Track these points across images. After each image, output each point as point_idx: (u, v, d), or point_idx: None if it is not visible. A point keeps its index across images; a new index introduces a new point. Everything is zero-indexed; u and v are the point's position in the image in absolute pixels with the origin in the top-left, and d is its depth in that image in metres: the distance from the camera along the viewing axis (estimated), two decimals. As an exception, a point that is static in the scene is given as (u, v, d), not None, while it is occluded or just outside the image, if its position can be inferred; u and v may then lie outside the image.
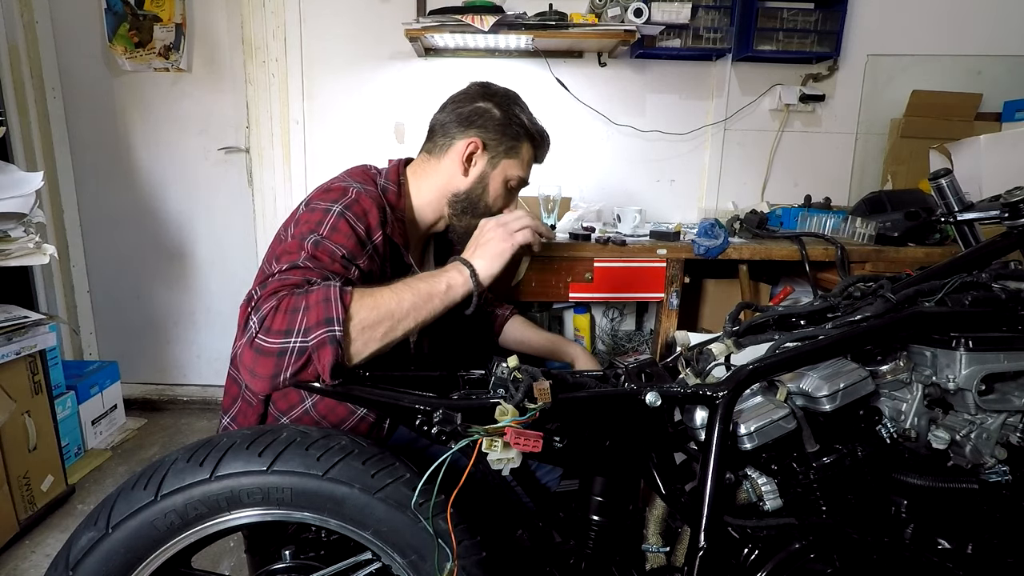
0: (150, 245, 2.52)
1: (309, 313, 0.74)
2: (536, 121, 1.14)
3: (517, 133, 1.10)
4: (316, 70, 2.28)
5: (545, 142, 1.16)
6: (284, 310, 0.75)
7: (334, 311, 0.74)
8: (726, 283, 2.20)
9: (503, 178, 1.11)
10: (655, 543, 0.87)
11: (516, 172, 1.12)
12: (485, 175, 1.10)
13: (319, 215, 0.92)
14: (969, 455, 0.82)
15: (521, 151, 1.12)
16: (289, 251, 0.87)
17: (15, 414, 1.64)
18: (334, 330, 0.74)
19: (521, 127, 1.10)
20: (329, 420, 1.02)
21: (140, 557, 0.71)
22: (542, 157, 1.18)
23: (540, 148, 1.15)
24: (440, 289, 0.85)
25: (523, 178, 1.14)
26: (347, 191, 0.96)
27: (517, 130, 1.10)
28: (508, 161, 1.11)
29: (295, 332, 0.73)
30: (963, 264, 0.98)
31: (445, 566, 0.74)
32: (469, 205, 1.11)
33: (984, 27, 2.26)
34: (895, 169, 2.23)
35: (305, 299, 0.76)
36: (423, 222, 1.13)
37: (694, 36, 2.10)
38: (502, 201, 1.14)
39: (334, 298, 0.75)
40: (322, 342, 0.73)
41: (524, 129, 1.11)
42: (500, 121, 1.09)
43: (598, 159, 2.37)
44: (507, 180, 1.12)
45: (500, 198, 1.13)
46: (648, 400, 0.77)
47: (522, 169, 1.13)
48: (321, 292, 0.76)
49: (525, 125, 1.11)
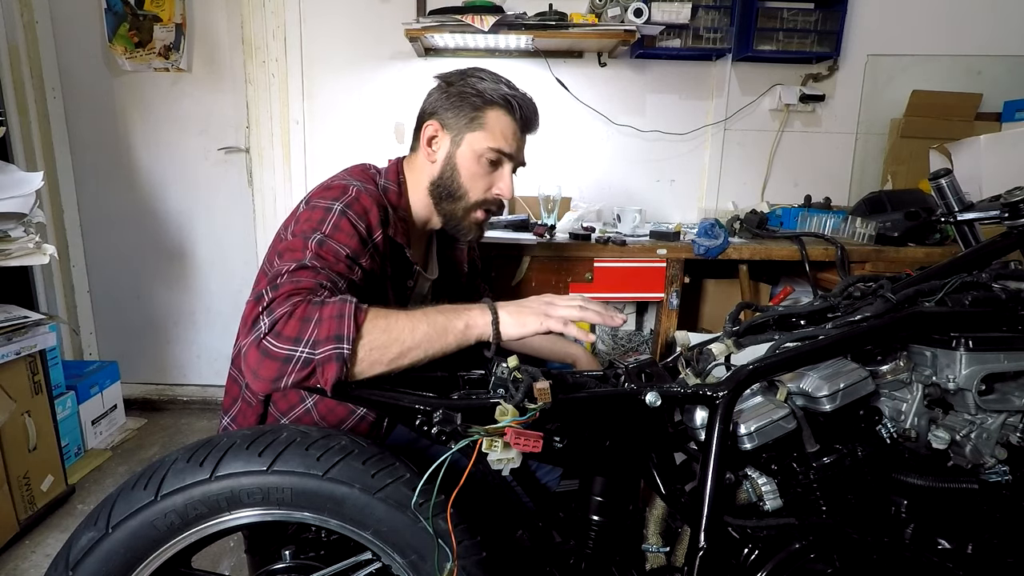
0: (150, 245, 2.52)
1: (321, 326, 0.74)
2: (504, 87, 1.05)
3: (476, 103, 1.04)
4: (316, 70, 2.28)
5: (519, 105, 1.05)
6: (298, 317, 0.75)
7: (346, 329, 0.74)
8: (726, 283, 2.20)
9: (472, 153, 1.05)
10: (655, 543, 0.87)
11: (486, 143, 1.04)
12: (451, 155, 1.06)
13: (320, 213, 0.92)
14: (969, 455, 0.82)
15: (486, 120, 1.04)
16: (293, 249, 0.87)
17: (15, 414, 1.64)
18: (342, 348, 0.73)
19: (479, 96, 1.04)
20: (328, 420, 1.02)
21: (140, 557, 0.71)
22: (529, 125, 1.08)
23: (515, 113, 1.05)
24: (458, 326, 0.81)
25: (498, 149, 1.05)
26: (347, 189, 0.96)
27: (475, 100, 1.04)
28: (473, 135, 1.04)
29: (304, 342, 0.73)
30: (963, 264, 0.98)
31: (445, 566, 0.74)
32: (445, 190, 1.07)
33: (984, 27, 2.26)
34: (895, 169, 2.23)
35: (320, 311, 0.75)
36: (420, 219, 1.12)
37: (694, 36, 2.10)
38: (483, 180, 1.07)
39: (348, 315, 0.75)
40: (329, 358, 0.73)
41: (483, 97, 1.04)
42: (452, 95, 1.05)
43: (598, 159, 2.37)
44: (479, 155, 1.05)
45: (478, 177, 1.06)
46: (648, 400, 0.77)
47: (493, 139, 1.04)
48: (336, 307, 0.76)
49: (484, 93, 1.04)
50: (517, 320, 0.83)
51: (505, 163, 1.07)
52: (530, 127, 1.09)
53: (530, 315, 0.83)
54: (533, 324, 0.83)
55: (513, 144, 1.06)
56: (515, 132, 1.06)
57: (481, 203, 1.09)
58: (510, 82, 1.08)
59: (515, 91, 1.06)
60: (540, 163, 2.33)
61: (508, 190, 1.07)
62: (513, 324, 0.83)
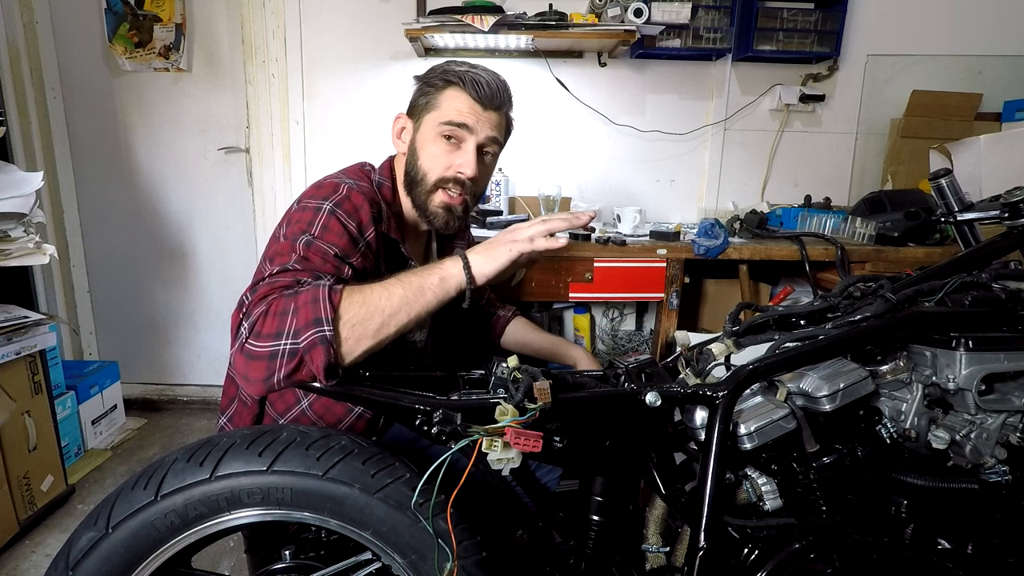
0: (150, 245, 2.52)
1: (298, 315, 0.74)
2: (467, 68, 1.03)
3: (435, 85, 1.03)
4: (316, 70, 2.28)
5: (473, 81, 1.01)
6: (273, 313, 0.75)
7: (323, 311, 0.74)
8: (726, 283, 2.20)
9: (430, 133, 1.03)
10: (655, 543, 0.87)
11: (441, 118, 1.02)
12: (414, 142, 1.06)
13: (310, 214, 0.91)
14: (969, 455, 0.82)
15: (440, 99, 1.03)
16: (281, 252, 0.86)
17: (15, 414, 1.64)
18: (324, 330, 0.73)
19: (437, 77, 1.03)
20: (326, 420, 1.02)
21: (140, 557, 0.71)
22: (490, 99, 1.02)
23: (467, 87, 1.01)
24: (432, 282, 0.82)
25: (450, 121, 1.01)
26: (338, 188, 0.96)
27: (435, 82, 1.03)
28: (430, 115, 1.03)
29: (284, 334, 0.73)
30: (963, 264, 0.98)
31: (445, 566, 0.74)
32: (409, 178, 1.06)
33: (984, 27, 2.26)
34: (895, 169, 2.23)
35: (294, 301, 0.75)
36: (410, 217, 1.11)
37: (694, 36, 2.10)
38: (443, 159, 1.03)
39: (322, 298, 0.75)
40: (312, 343, 0.73)
41: (441, 78, 1.03)
42: (418, 86, 1.07)
43: (598, 159, 2.37)
44: (435, 134, 1.03)
45: (437, 156, 1.03)
46: (648, 400, 0.77)
47: (446, 114, 1.02)
48: (309, 293, 0.76)
49: (442, 75, 1.03)
50: (487, 257, 0.84)
51: (467, 140, 1.03)
52: (493, 101, 1.03)
53: (499, 246, 0.85)
54: (504, 255, 0.84)
55: (470, 117, 1.02)
56: (472, 107, 1.02)
57: (440, 182, 1.04)
58: (476, 64, 1.05)
59: (473, 68, 1.03)
60: (540, 163, 2.34)
61: (468, 165, 1.02)
62: (484, 262, 0.84)
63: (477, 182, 1.07)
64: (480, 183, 1.09)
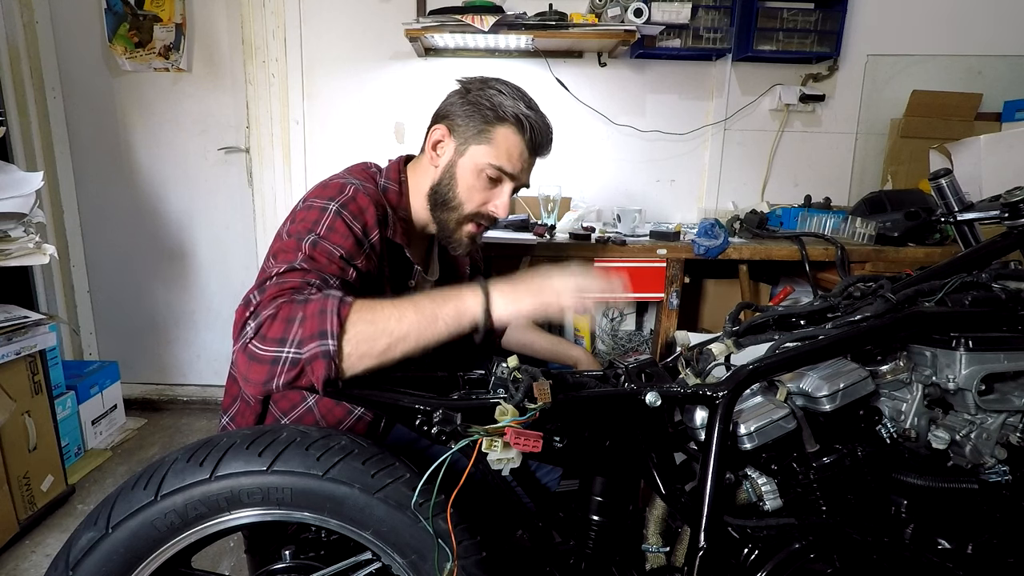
0: (150, 245, 2.52)
1: (305, 324, 0.73)
2: (524, 106, 1.01)
3: (488, 116, 1.00)
4: (316, 70, 2.28)
5: (531, 127, 1.01)
6: (282, 318, 0.74)
7: (329, 324, 0.73)
8: (726, 283, 2.20)
9: (474, 166, 1.02)
10: (655, 543, 0.87)
11: (488, 159, 1.01)
12: (452, 164, 1.03)
13: (316, 213, 0.91)
14: (969, 455, 0.82)
15: (494, 136, 1.01)
16: (286, 250, 0.86)
17: (15, 414, 1.64)
18: (327, 344, 0.72)
19: (493, 109, 1.00)
20: (328, 420, 1.02)
21: (140, 557, 0.71)
22: (539, 149, 1.05)
23: (525, 134, 1.01)
24: (447, 312, 0.78)
25: (500, 167, 1.01)
26: (344, 188, 0.95)
27: (488, 113, 1.00)
28: (478, 147, 1.01)
29: (289, 342, 0.73)
30: (963, 264, 0.98)
31: (445, 566, 0.74)
32: (440, 199, 1.05)
33: (984, 27, 2.26)
34: (895, 169, 2.24)
35: (303, 309, 0.75)
36: (419, 221, 1.11)
37: (694, 36, 2.10)
38: (480, 195, 1.03)
39: (331, 310, 0.74)
40: (315, 355, 0.72)
41: (497, 112, 1.00)
42: (468, 103, 1.02)
43: (598, 159, 2.37)
44: (480, 169, 1.01)
45: (475, 190, 1.03)
46: (648, 400, 0.77)
47: (498, 157, 1.01)
48: (318, 303, 0.75)
49: (498, 107, 1.00)
50: (511, 299, 0.80)
51: (506, 182, 1.04)
52: (540, 151, 1.06)
53: (525, 294, 0.81)
54: (528, 303, 0.80)
55: (518, 165, 1.03)
56: (522, 153, 1.03)
57: (474, 216, 1.06)
58: (532, 101, 1.04)
59: (532, 111, 1.02)
60: (540, 163, 2.33)
61: (504, 209, 1.04)
62: (506, 304, 0.80)
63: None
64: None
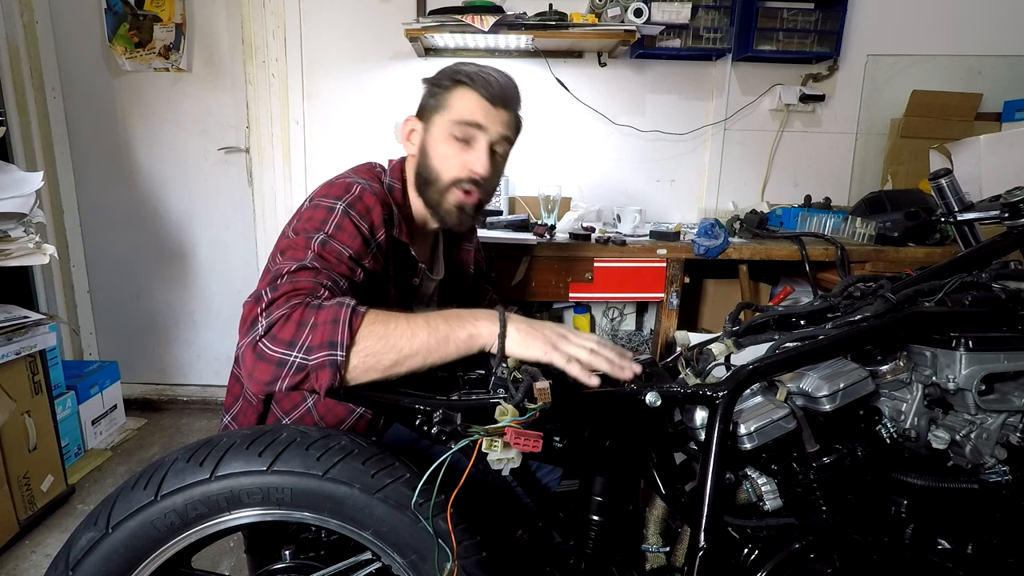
0: (150, 245, 2.52)
1: (316, 331, 0.73)
2: (471, 67, 1.03)
3: (442, 86, 1.03)
4: (316, 70, 2.28)
5: (483, 79, 1.01)
6: (295, 321, 0.74)
7: (339, 335, 0.73)
8: (726, 283, 2.20)
9: (440, 134, 1.03)
10: (655, 543, 0.87)
11: (451, 118, 1.02)
12: (424, 143, 1.06)
13: (323, 212, 0.91)
14: (969, 455, 0.82)
15: (450, 100, 1.02)
16: (295, 247, 0.86)
17: (15, 414, 1.64)
18: (336, 355, 0.72)
19: (447, 78, 1.03)
20: (328, 420, 1.02)
21: (140, 557, 0.71)
22: (502, 100, 1.03)
23: (477, 87, 1.01)
24: (460, 336, 0.78)
25: (462, 120, 1.01)
26: (351, 188, 0.95)
27: (443, 83, 1.03)
28: (439, 117, 1.03)
29: (298, 347, 0.73)
30: (963, 264, 0.98)
31: (445, 566, 0.74)
32: (422, 179, 1.06)
33: (984, 27, 2.26)
34: (895, 169, 2.24)
35: (316, 315, 0.75)
36: (420, 217, 1.11)
37: (694, 36, 2.11)
38: (455, 159, 1.03)
39: (343, 320, 0.74)
40: (322, 364, 0.72)
41: (447, 79, 1.03)
42: (427, 88, 1.06)
43: (598, 159, 2.37)
44: (446, 134, 1.03)
45: (449, 157, 1.03)
46: (648, 400, 0.77)
47: (458, 114, 1.02)
48: (332, 311, 0.75)
49: (449, 75, 1.03)
50: (524, 340, 0.79)
51: (478, 139, 1.03)
52: (503, 101, 1.03)
53: (539, 340, 0.79)
54: (537, 350, 0.78)
55: (480, 116, 1.02)
56: (483, 106, 1.02)
57: (454, 182, 1.04)
58: (485, 65, 1.05)
59: (482, 68, 1.04)
60: (540, 163, 2.34)
61: (481, 164, 1.02)
62: (517, 342, 0.79)
63: (489, 180, 1.06)
64: (492, 181, 1.08)
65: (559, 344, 0.79)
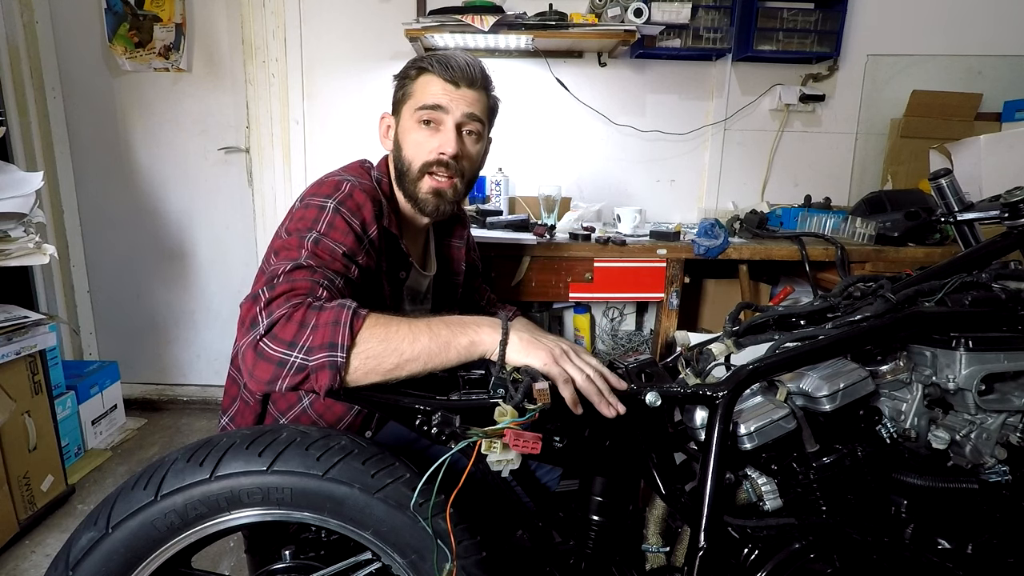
0: (150, 245, 2.52)
1: (316, 332, 0.74)
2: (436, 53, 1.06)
3: (409, 76, 1.05)
4: (316, 70, 2.28)
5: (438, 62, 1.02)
6: (296, 321, 0.75)
7: (340, 336, 0.73)
8: (726, 283, 2.20)
9: (407, 123, 1.05)
10: (655, 543, 0.87)
11: (415, 104, 1.03)
12: (397, 135, 1.08)
13: (314, 211, 0.91)
14: (969, 455, 0.82)
15: (413, 89, 1.05)
16: (288, 247, 0.86)
17: (15, 414, 1.64)
18: (336, 356, 0.72)
19: (411, 68, 1.05)
20: (326, 418, 1.02)
21: (140, 557, 0.71)
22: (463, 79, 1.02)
23: (435, 70, 1.02)
24: (461, 343, 0.78)
25: (423, 105, 1.02)
26: (340, 185, 0.96)
27: (408, 73, 1.06)
28: (406, 106, 1.06)
29: (299, 347, 0.73)
30: (963, 264, 0.98)
31: (445, 566, 0.74)
32: (398, 171, 1.07)
33: (984, 27, 2.26)
34: (895, 169, 2.24)
35: (317, 316, 0.75)
36: (408, 211, 1.11)
37: (694, 36, 2.10)
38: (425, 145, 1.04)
39: (344, 322, 0.74)
40: (322, 365, 0.72)
41: (414, 68, 1.05)
42: (396, 82, 1.09)
43: (598, 159, 2.37)
44: (414, 121, 1.04)
45: (419, 144, 1.04)
46: (648, 400, 0.77)
47: (423, 98, 1.03)
48: (333, 313, 0.75)
49: (413, 64, 1.05)
50: (525, 350, 0.78)
51: (444, 121, 1.03)
52: (466, 80, 1.03)
53: (541, 351, 0.78)
54: (538, 360, 0.77)
55: (442, 98, 1.02)
56: (444, 87, 1.02)
57: (425, 167, 1.04)
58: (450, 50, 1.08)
59: (446, 52, 1.05)
60: (540, 163, 2.34)
61: (448, 143, 1.02)
62: (519, 351, 0.78)
63: (464, 162, 1.06)
64: (469, 164, 1.08)
65: (560, 359, 0.78)
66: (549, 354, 0.77)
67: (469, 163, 1.08)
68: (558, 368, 0.76)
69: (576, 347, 0.83)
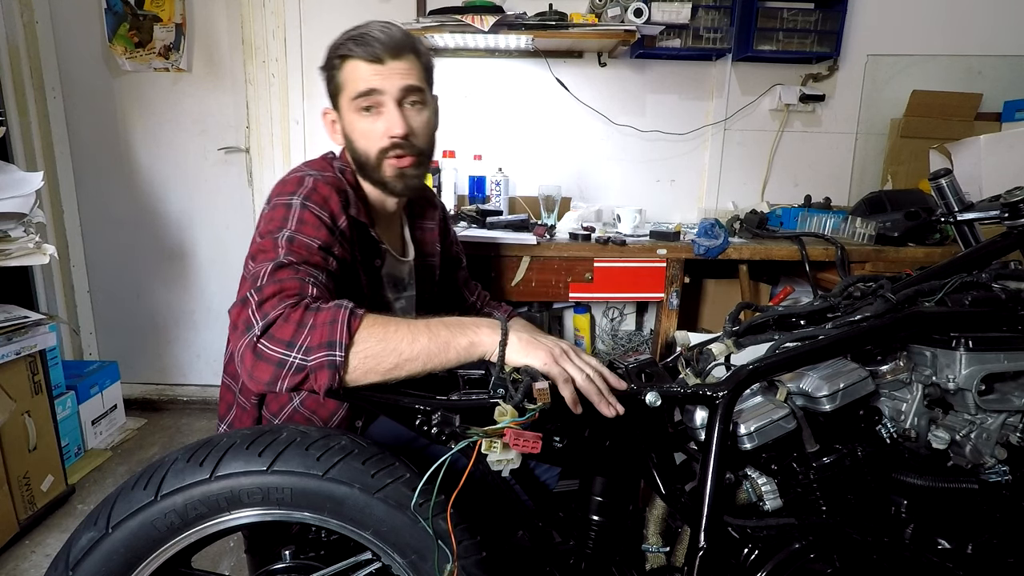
0: (150, 245, 2.52)
1: (314, 332, 0.74)
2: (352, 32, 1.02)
3: (334, 67, 1.04)
4: (316, 70, 2.27)
5: (355, 43, 1.00)
6: (293, 321, 0.75)
7: (338, 335, 0.73)
8: (726, 283, 2.20)
9: (349, 115, 1.04)
10: (655, 543, 0.87)
11: (350, 95, 1.02)
12: (344, 129, 1.06)
13: (282, 211, 0.91)
14: (969, 455, 0.82)
15: (342, 79, 1.03)
16: (264, 249, 0.86)
17: (15, 414, 1.64)
18: (334, 356, 0.73)
19: (333, 57, 1.03)
20: (319, 415, 1.02)
21: (140, 557, 0.71)
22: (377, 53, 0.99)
23: (356, 53, 0.99)
24: (460, 343, 0.78)
25: (357, 93, 1.00)
26: (303, 181, 0.95)
27: (333, 64, 1.04)
28: (342, 97, 1.04)
29: (297, 347, 0.73)
30: (963, 264, 0.98)
31: (445, 566, 0.74)
32: (358, 163, 1.06)
33: (984, 27, 2.26)
34: (895, 169, 2.24)
35: (314, 316, 0.75)
36: (376, 198, 1.10)
37: (694, 36, 2.10)
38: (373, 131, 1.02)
39: (341, 321, 0.74)
40: (320, 365, 0.72)
41: (336, 57, 1.03)
42: (324, 75, 1.08)
43: (598, 159, 2.37)
44: (354, 111, 1.02)
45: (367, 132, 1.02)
46: (648, 400, 0.77)
47: (352, 88, 1.01)
48: (330, 313, 0.75)
49: (333, 53, 1.03)
50: (524, 350, 0.78)
51: (383, 102, 1.01)
52: (391, 52, 0.99)
53: (540, 351, 0.77)
54: (537, 359, 0.77)
55: (372, 79, 0.99)
56: (371, 68, 1.00)
57: (382, 153, 1.02)
58: (364, 25, 1.03)
59: (361, 29, 1.02)
60: (540, 163, 2.34)
61: (394, 124, 0.99)
62: (518, 351, 0.78)
63: (415, 135, 1.04)
64: (422, 134, 1.05)
65: (560, 359, 0.78)
66: (549, 354, 0.77)
67: (422, 133, 1.05)
68: (558, 368, 0.76)
69: (575, 347, 0.83)
